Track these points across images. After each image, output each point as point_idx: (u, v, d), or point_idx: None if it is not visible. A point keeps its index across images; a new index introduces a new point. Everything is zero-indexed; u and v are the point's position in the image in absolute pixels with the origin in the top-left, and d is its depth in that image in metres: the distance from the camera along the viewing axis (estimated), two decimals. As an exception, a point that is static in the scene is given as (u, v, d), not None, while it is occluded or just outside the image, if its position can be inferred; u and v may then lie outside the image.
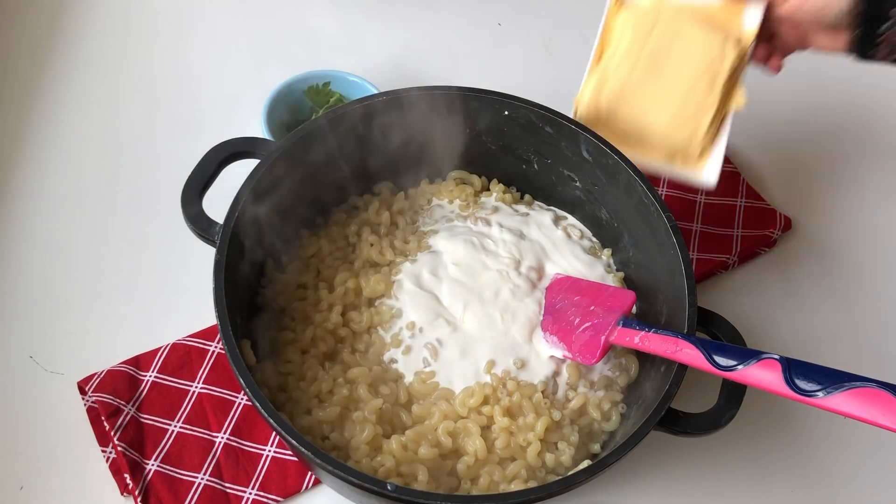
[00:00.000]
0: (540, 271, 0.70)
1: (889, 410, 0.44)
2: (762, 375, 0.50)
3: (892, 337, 0.78)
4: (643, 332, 0.59)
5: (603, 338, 0.61)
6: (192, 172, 0.64)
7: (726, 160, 0.87)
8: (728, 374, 0.52)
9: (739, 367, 0.51)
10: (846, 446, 0.71)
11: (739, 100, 0.70)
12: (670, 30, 0.69)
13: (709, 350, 0.54)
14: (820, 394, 0.47)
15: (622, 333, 0.61)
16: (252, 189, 0.63)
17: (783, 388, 0.48)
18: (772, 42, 0.71)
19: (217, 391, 0.68)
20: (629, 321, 0.61)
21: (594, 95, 0.70)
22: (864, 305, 0.80)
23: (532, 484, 0.60)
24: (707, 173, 0.69)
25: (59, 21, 0.94)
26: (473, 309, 0.66)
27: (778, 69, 0.72)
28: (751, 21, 0.69)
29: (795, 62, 0.74)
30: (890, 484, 0.70)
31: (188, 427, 0.66)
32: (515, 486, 0.59)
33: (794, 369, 0.49)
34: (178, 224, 0.62)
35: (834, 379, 0.47)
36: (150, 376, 0.68)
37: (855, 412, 0.45)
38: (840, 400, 0.46)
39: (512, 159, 0.75)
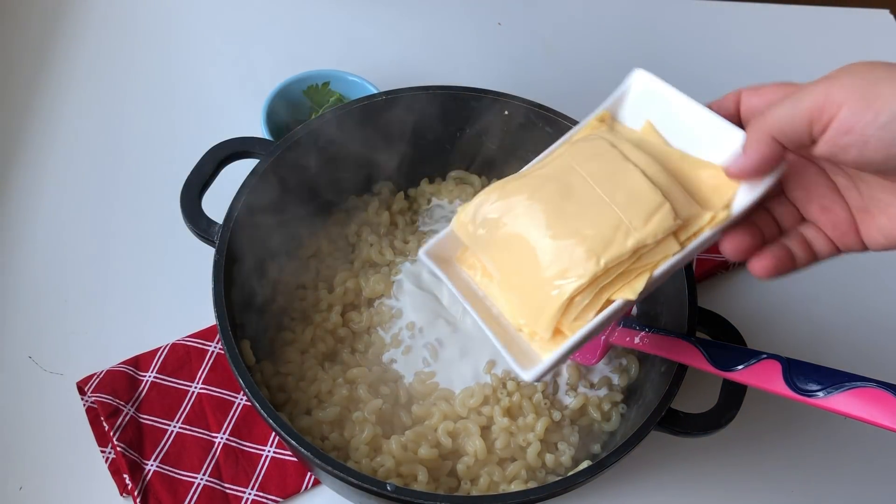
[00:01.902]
0: None
1: (889, 410, 0.44)
2: (762, 376, 0.50)
3: (892, 337, 0.78)
4: (643, 333, 0.59)
5: (602, 338, 0.61)
6: (192, 172, 0.64)
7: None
8: (728, 375, 0.52)
9: (739, 367, 0.51)
10: (846, 446, 0.71)
11: (629, 291, 0.46)
12: (610, 168, 0.48)
13: (708, 350, 0.54)
14: (820, 394, 0.47)
15: (622, 333, 0.61)
16: (251, 189, 0.63)
17: (783, 389, 0.48)
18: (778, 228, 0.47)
19: (216, 391, 0.68)
20: (629, 321, 0.61)
21: (481, 198, 0.50)
22: (864, 305, 0.80)
23: (532, 484, 0.60)
24: (523, 374, 0.47)
25: (58, 21, 0.94)
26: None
27: (770, 272, 0.46)
28: (739, 202, 0.46)
29: (793, 61, 0.74)
30: (890, 484, 0.70)
31: (187, 427, 0.66)
32: (515, 487, 0.59)
33: (794, 369, 0.49)
34: (178, 224, 0.62)
35: (834, 379, 0.47)
36: (150, 376, 0.68)
37: (855, 412, 0.45)
38: (840, 400, 0.46)
39: (512, 159, 0.75)
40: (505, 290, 0.50)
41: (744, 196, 0.45)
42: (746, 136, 0.44)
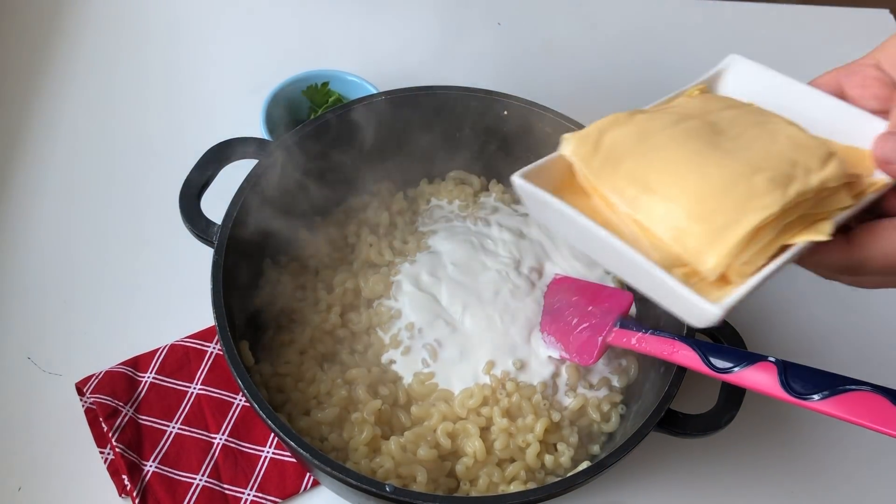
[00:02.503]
0: (540, 271, 0.69)
1: (884, 414, 0.44)
2: (758, 378, 0.50)
3: (892, 337, 0.78)
4: (640, 334, 0.59)
5: (600, 339, 0.61)
6: (191, 173, 0.64)
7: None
8: (724, 377, 0.52)
9: (735, 369, 0.51)
10: (845, 447, 0.71)
11: (814, 232, 0.42)
12: (753, 117, 0.46)
13: (705, 352, 0.54)
14: (815, 397, 0.46)
15: (619, 334, 0.60)
16: (250, 190, 0.63)
17: (778, 391, 0.48)
18: None
19: (215, 392, 0.68)
20: (627, 322, 0.61)
21: (603, 125, 0.47)
22: (864, 305, 0.80)
23: (531, 485, 0.60)
24: (710, 308, 0.40)
25: (57, 21, 0.94)
26: (473, 309, 0.66)
27: None
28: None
29: (794, 61, 0.74)
30: (889, 485, 0.70)
31: (186, 428, 0.66)
32: (514, 488, 0.59)
33: (789, 372, 0.49)
34: (177, 224, 0.62)
35: (829, 382, 0.47)
36: (149, 377, 0.68)
37: (849, 416, 0.45)
38: (835, 403, 0.46)
39: (511, 159, 0.75)
40: (648, 222, 0.43)
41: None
42: None
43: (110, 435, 0.64)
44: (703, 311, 0.40)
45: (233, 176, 0.64)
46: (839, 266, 0.44)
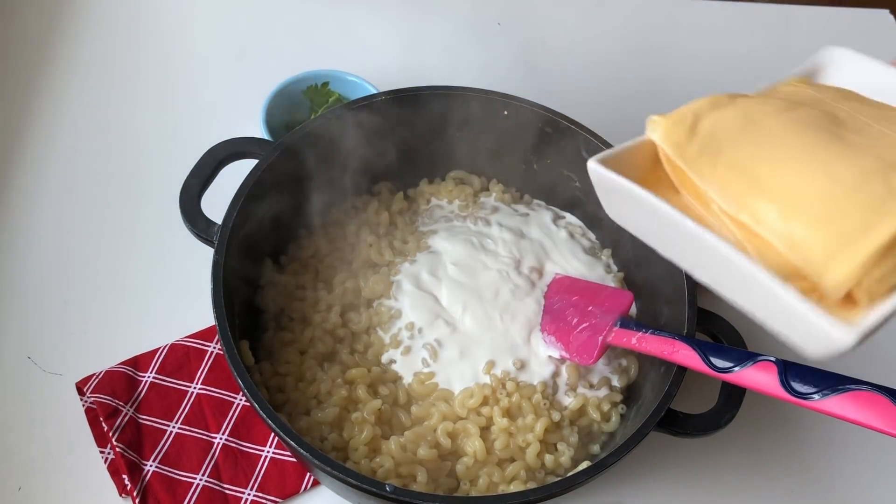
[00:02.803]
0: (540, 271, 0.69)
1: (883, 414, 0.43)
2: (758, 377, 0.50)
3: (891, 337, 0.78)
4: (640, 333, 0.59)
5: (600, 338, 0.61)
6: (191, 173, 0.64)
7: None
8: (724, 376, 0.52)
9: (736, 368, 0.51)
10: (845, 447, 0.71)
11: None
12: (876, 110, 0.39)
13: (705, 352, 0.54)
14: (815, 396, 0.46)
15: (619, 334, 0.60)
16: (250, 189, 0.63)
17: (779, 391, 0.48)
18: None
19: (216, 392, 0.68)
20: (627, 322, 0.61)
21: (699, 107, 0.41)
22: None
23: (531, 485, 0.60)
24: (840, 332, 0.34)
25: (57, 21, 0.94)
26: (473, 309, 0.66)
27: None
28: None
29: (794, 61, 0.74)
30: (889, 485, 0.70)
31: (187, 428, 0.66)
32: (515, 487, 0.59)
33: (789, 371, 0.49)
34: (177, 224, 0.62)
35: (829, 382, 0.46)
36: (149, 377, 0.68)
37: (850, 415, 0.45)
38: (835, 403, 0.45)
39: (511, 159, 0.75)
40: (756, 225, 0.37)
41: None
42: None
43: (110, 434, 0.64)
44: (829, 336, 0.33)
45: (233, 176, 0.64)
46: None
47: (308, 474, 0.65)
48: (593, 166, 0.41)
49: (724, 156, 0.38)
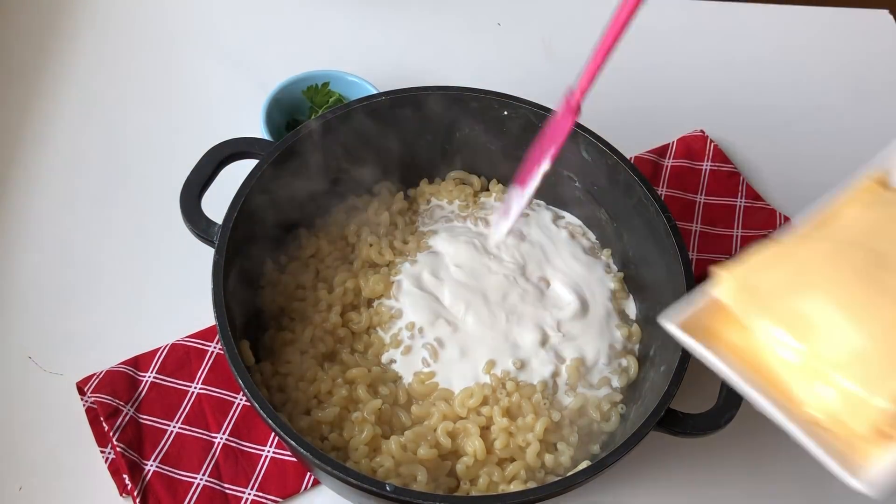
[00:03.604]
0: (548, 281, 0.69)
1: None
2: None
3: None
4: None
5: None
6: (191, 173, 0.64)
7: (725, 160, 0.87)
8: None
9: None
10: (846, 447, 0.71)
11: None
12: None
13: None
14: None
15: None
16: (251, 189, 0.63)
17: None
18: None
19: (216, 392, 0.68)
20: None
21: (756, 265, 0.43)
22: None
23: (531, 484, 0.60)
24: (867, 479, 0.40)
25: (57, 21, 0.94)
26: (476, 308, 0.66)
27: None
28: None
29: (794, 61, 0.74)
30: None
31: (187, 427, 0.66)
32: (514, 487, 0.59)
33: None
34: (178, 224, 0.62)
35: None
36: (149, 377, 0.68)
37: None
38: None
39: (511, 159, 0.74)
40: (804, 372, 0.41)
41: None
42: None
43: (111, 434, 0.64)
44: (852, 484, 0.39)
45: (233, 176, 0.64)
46: None
47: (308, 474, 0.65)
48: (670, 328, 0.44)
49: (777, 310, 0.41)
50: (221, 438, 0.66)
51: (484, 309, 0.66)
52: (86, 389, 0.66)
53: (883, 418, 0.38)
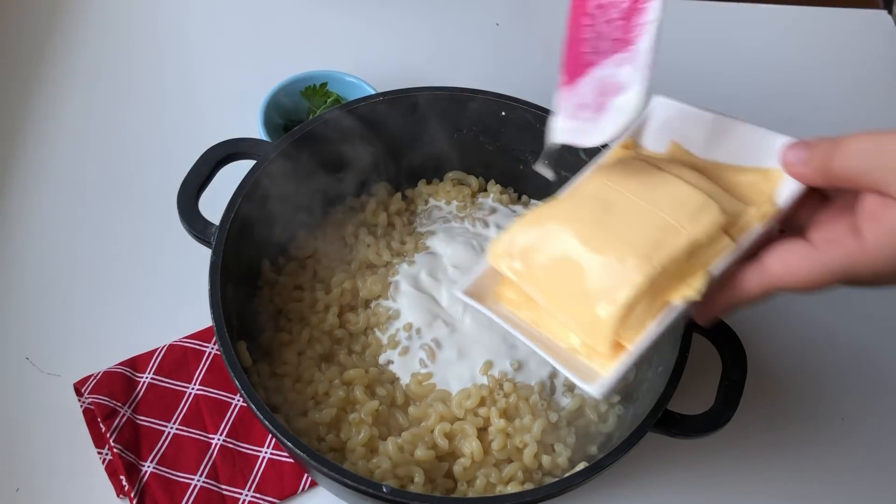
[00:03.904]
0: None
1: None
2: None
3: (890, 337, 0.78)
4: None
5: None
6: (188, 173, 0.64)
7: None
8: None
9: None
10: (846, 447, 0.71)
11: (688, 290, 0.44)
12: (649, 180, 0.47)
13: None
14: None
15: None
16: (248, 190, 0.63)
17: None
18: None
19: (213, 393, 0.68)
20: None
21: (515, 230, 0.49)
22: (862, 305, 0.80)
23: (529, 486, 0.60)
24: (597, 383, 0.45)
25: (56, 21, 0.94)
26: (475, 310, 0.65)
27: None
28: (784, 195, 0.46)
29: (793, 61, 0.73)
30: (889, 486, 0.69)
31: (184, 429, 0.66)
32: (512, 488, 0.59)
33: None
34: (175, 225, 0.62)
35: None
36: (147, 378, 0.68)
37: None
38: None
39: (509, 160, 0.75)
40: (556, 313, 0.48)
41: (790, 189, 0.46)
42: (809, 156, 0.43)
43: (108, 435, 0.64)
44: (585, 390, 0.45)
45: (231, 176, 0.64)
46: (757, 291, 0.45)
47: (306, 475, 0.65)
48: (459, 295, 0.51)
49: (531, 268, 0.48)
50: (219, 439, 0.66)
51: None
52: (83, 390, 0.66)
53: (609, 330, 0.44)
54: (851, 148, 0.41)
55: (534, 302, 0.49)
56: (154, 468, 0.63)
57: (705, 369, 0.62)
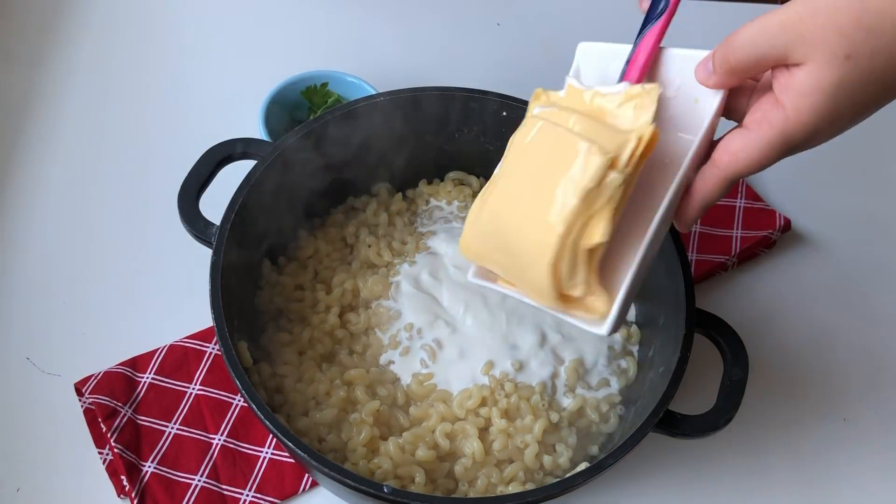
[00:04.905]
0: None
1: None
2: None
3: (891, 337, 0.78)
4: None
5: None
6: (189, 174, 0.64)
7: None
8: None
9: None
10: (844, 448, 0.71)
11: (591, 236, 0.47)
12: (554, 142, 0.49)
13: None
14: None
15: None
16: (249, 190, 0.63)
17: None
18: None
19: (214, 393, 0.68)
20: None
21: (470, 218, 0.53)
22: (863, 305, 0.80)
23: (530, 486, 0.60)
24: (601, 322, 0.49)
25: (56, 21, 0.94)
26: (475, 310, 0.66)
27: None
28: (711, 104, 0.50)
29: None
30: (889, 486, 0.69)
31: (185, 429, 0.66)
32: (513, 489, 0.59)
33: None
34: (175, 225, 0.62)
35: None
36: (148, 378, 0.68)
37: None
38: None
39: (510, 160, 0.75)
40: (517, 285, 0.52)
41: (712, 98, 0.50)
42: (712, 64, 0.48)
43: (109, 435, 0.64)
44: (598, 332, 0.49)
45: (231, 176, 0.64)
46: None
47: (306, 475, 0.65)
48: (472, 279, 0.54)
49: (487, 249, 0.52)
50: (219, 440, 0.66)
51: (483, 310, 0.66)
52: (84, 390, 0.66)
53: (550, 291, 0.49)
54: (741, 41, 0.46)
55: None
56: (155, 468, 0.63)
57: (706, 369, 0.62)
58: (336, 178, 0.71)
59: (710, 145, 0.50)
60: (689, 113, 0.51)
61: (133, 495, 0.62)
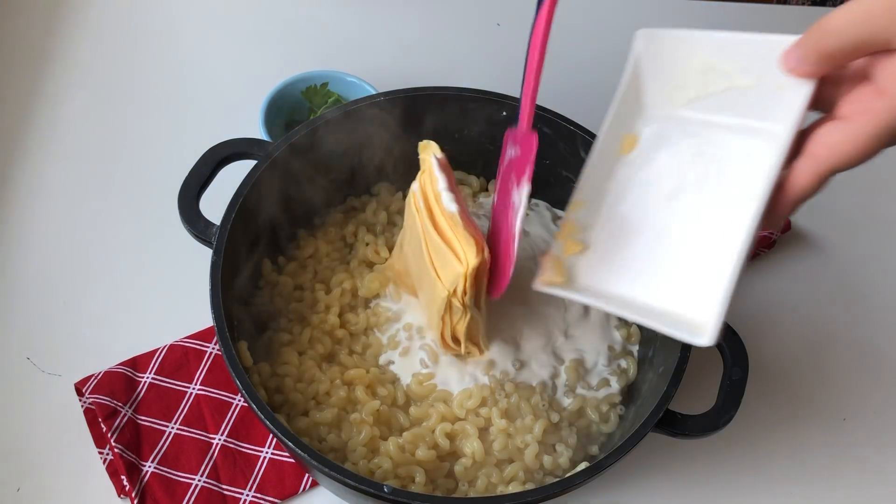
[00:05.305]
0: None
1: None
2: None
3: (891, 337, 0.78)
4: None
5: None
6: (189, 174, 0.64)
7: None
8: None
9: None
10: (846, 447, 0.71)
11: (458, 331, 0.60)
12: (423, 243, 0.59)
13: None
14: None
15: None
16: (249, 190, 0.63)
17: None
18: None
19: (214, 392, 0.68)
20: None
21: (397, 247, 0.65)
22: (863, 305, 0.80)
23: (530, 486, 0.60)
24: (701, 333, 0.49)
25: (57, 22, 0.94)
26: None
27: None
28: (799, 98, 0.47)
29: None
30: (889, 486, 0.69)
31: (185, 429, 0.66)
32: (513, 488, 0.59)
33: None
34: (176, 225, 0.62)
35: None
36: (148, 378, 0.68)
37: None
38: None
39: (510, 160, 0.75)
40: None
41: (801, 90, 0.46)
42: (803, 52, 0.44)
43: (109, 435, 0.64)
44: (701, 343, 0.48)
45: (231, 176, 0.64)
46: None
47: (307, 475, 0.65)
48: (541, 288, 0.55)
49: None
50: (220, 439, 0.66)
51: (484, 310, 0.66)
52: (84, 390, 0.66)
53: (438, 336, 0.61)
54: (837, 26, 0.42)
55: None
56: (155, 468, 0.64)
57: (707, 369, 0.62)
58: (336, 178, 0.71)
59: (798, 138, 0.46)
60: (772, 103, 0.47)
61: (133, 495, 0.62)
